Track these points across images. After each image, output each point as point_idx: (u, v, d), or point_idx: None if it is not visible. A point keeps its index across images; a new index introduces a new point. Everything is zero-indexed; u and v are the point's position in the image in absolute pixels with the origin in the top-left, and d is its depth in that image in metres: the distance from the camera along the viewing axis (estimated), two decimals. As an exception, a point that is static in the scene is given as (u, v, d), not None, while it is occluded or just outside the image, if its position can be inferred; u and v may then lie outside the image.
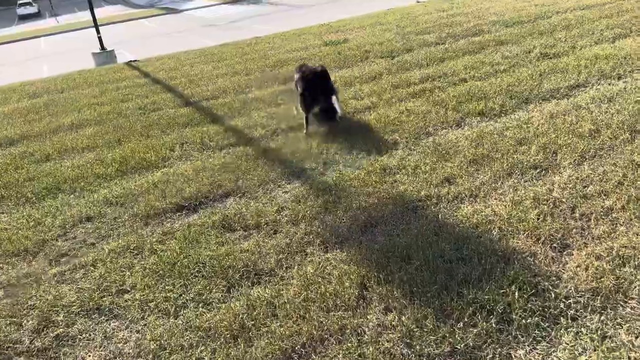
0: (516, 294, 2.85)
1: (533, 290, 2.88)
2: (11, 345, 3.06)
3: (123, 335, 3.04)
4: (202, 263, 3.62)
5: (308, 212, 4.15)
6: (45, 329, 3.17)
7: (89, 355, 2.91)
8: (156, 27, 28.94)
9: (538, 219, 3.57)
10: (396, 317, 2.81)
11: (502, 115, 5.68)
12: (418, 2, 18.64)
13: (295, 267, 3.43)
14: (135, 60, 13.74)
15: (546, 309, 2.75)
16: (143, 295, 3.37)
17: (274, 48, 12.59)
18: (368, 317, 2.85)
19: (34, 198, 5.26)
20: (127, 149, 6.26)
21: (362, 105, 6.71)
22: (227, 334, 2.88)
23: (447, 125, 5.63)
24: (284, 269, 3.45)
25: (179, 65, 12.10)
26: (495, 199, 3.92)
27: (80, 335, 3.09)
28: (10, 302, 3.50)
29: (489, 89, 6.53)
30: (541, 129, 5.05)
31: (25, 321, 3.28)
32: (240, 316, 2.99)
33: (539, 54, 7.81)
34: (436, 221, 3.72)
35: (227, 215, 4.28)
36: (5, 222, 4.82)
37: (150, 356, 2.82)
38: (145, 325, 3.09)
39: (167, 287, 3.41)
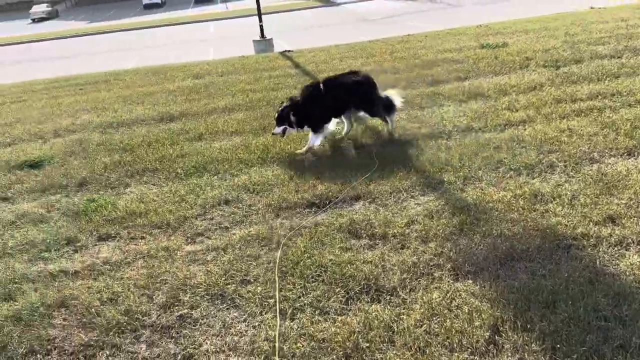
0: (691, 379, 2.31)
1: None
2: (140, 317, 3.26)
3: (240, 328, 3.07)
4: (324, 267, 3.54)
5: (441, 230, 3.86)
6: (172, 306, 3.33)
7: (206, 342, 2.98)
8: (313, 18, 29.91)
9: None
10: (531, 375, 2.44)
11: (691, 148, 4.78)
12: (592, 7, 16.75)
13: (420, 291, 3.18)
14: (290, 51, 14.26)
15: None
16: (264, 289, 3.38)
17: (425, 47, 12.19)
18: (497, 367, 2.52)
19: (182, 174, 5.63)
20: (269, 138, 6.43)
21: (517, 118, 6.13)
22: (340, 351, 2.75)
23: (617, 152, 4.89)
24: (407, 290, 3.22)
25: (329, 58, 12.28)
26: (673, 252, 3.27)
27: (202, 319, 3.18)
28: (146, 273, 3.75)
29: (676, 115, 5.56)
30: None
31: (155, 295, 3.47)
32: (356, 334, 2.84)
33: None
34: (592, 267, 3.20)
35: (355, 220, 4.16)
36: (154, 194, 5.22)
37: (262, 357, 2.80)
38: (262, 322, 3.09)
39: (287, 286, 3.38)
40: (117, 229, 4.49)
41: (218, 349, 2.91)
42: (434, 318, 2.91)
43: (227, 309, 3.27)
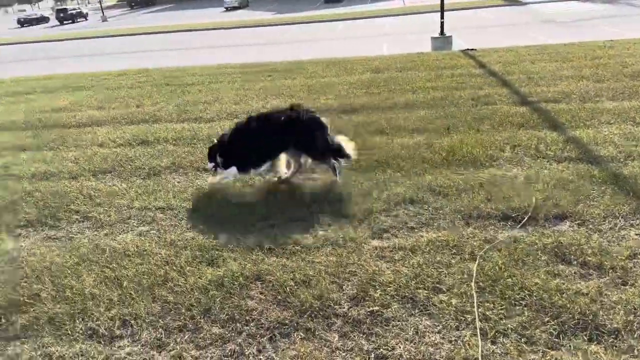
0: None
1: None
2: (331, 305, 3.26)
3: (434, 339, 2.89)
4: (528, 291, 3.19)
5: (675, 271, 3.25)
6: (362, 300, 3.27)
7: (399, 346, 2.86)
8: (492, 17, 28.35)
9: None
10: None
11: None
12: None
13: (655, 341, 2.69)
14: (472, 49, 13.61)
15: None
16: (459, 302, 3.16)
17: (633, 55, 10.72)
18: None
19: (365, 167, 5.61)
20: (455, 139, 6.14)
21: None
22: (555, 392, 2.43)
23: None
24: (635, 336, 2.74)
25: (517, 59, 11.44)
26: None
27: (393, 321, 3.07)
28: (335, 261, 3.77)
29: None
30: None
31: (345, 285, 3.46)
32: (575, 377, 2.49)
33: None
34: None
35: (562, 243, 3.71)
36: (339, 183, 5.27)
37: (462, 378, 2.60)
38: (459, 338, 2.88)
39: (486, 304, 3.12)
40: (306, 213, 4.61)
41: (412, 356, 2.78)
42: (678, 378, 2.43)
43: (419, 315, 3.12)
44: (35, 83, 13.82)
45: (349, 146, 5.22)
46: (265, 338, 3.04)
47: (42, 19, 61.67)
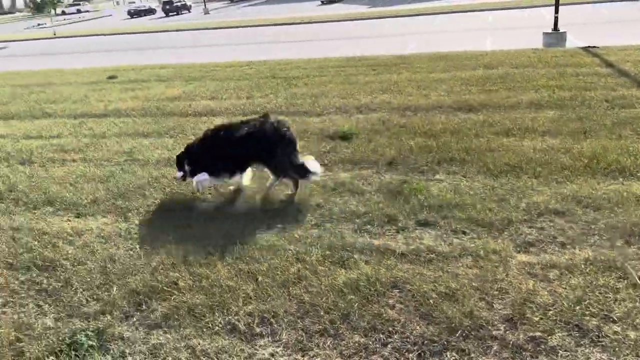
0: None
1: None
2: (483, 323, 2.97)
3: (616, 378, 2.53)
4: None
5: None
6: (520, 323, 2.95)
7: (574, 382, 2.53)
8: (607, 12, 26.14)
9: None
10: None
11: None
12: None
13: None
14: (594, 47, 12.50)
15: None
16: (638, 335, 2.75)
17: None
18: None
19: (495, 171, 5.22)
20: (596, 145, 5.56)
21: None
22: None
23: None
24: None
25: (651, 59, 10.32)
26: None
27: (560, 350, 2.73)
28: (479, 274, 3.46)
29: None
30: None
31: (496, 304, 3.15)
32: None
33: None
34: None
35: None
36: (467, 186, 4.93)
37: None
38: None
39: (669, 342, 2.69)
40: (435, 217, 4.34)
41: (592, 397, 2.44)
42: None
43: (589, 345, 2.75)
44: (150, 71, 14.55)
45: (314, 163, 5.00)
46: (413, 354, 2.82)
47: (150, 11, 65.45)
